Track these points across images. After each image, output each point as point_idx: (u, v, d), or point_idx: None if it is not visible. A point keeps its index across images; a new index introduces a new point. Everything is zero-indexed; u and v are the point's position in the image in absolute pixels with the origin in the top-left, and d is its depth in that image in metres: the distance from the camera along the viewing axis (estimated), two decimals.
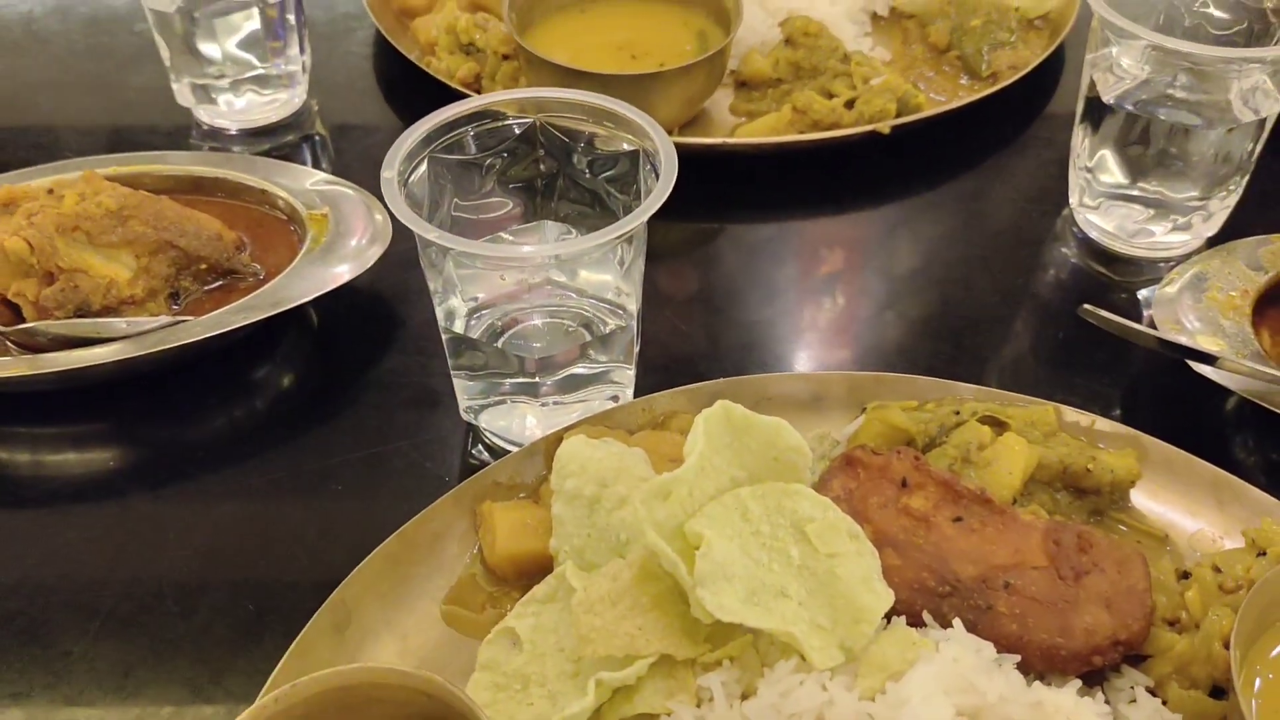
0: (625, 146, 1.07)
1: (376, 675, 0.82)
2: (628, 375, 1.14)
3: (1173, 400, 1.21)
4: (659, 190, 0.98)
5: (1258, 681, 0.84)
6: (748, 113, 1.58)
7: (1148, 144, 1.27)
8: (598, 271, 1.10)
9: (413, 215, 0.95)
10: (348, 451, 1.17)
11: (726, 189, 1.52)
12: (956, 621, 0.86)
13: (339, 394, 1.24)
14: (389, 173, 0.99)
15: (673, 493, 0.87)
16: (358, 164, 1.54)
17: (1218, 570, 0.94)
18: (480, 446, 1.17)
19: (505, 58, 1.57)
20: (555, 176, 1.13)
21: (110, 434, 1.21)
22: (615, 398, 1.15)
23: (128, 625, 1.02)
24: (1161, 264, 1.35)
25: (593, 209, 1.14)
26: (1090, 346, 1.26)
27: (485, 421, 1.15)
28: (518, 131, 1.10)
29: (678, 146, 1.48)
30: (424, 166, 1.06)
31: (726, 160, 1.51)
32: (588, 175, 1.12)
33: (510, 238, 1.15)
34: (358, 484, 1.14)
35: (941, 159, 1.55)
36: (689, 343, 1.32)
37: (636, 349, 1.13)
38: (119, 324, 1.18)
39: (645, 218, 0.98)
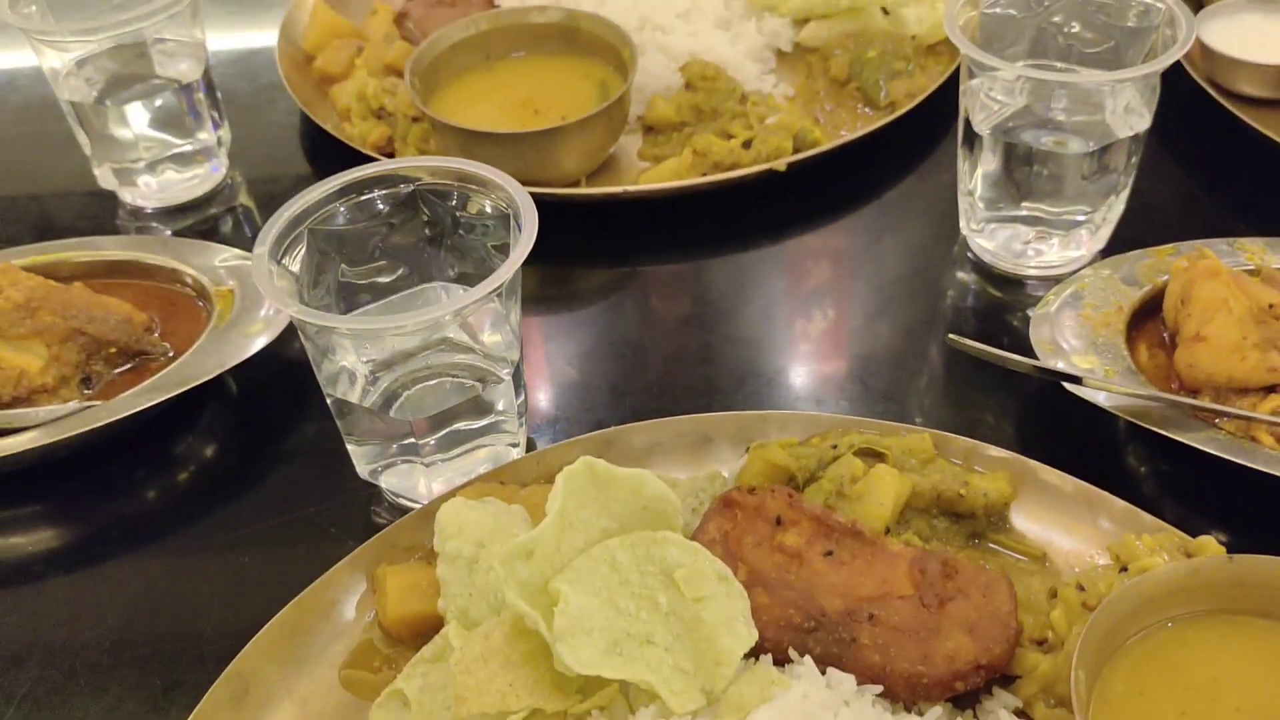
0: (497, 207, 1.10)
1: None
2: (516, 427, 1.17)
3: (1058, 422, 1.23)
4: (522, 244, 1.02)
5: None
6: (654, 157, 1.62)
7: (1024, 167, 1.30)
8: (491, 327, 1.13)
9: (276, 290, 0.99)
10: (257, 521, 1.21)
11: (637, 232, 1.55)
12: (807, 658, 0.88)
13: (253, 463, 1.28)
14: (260, 249, 1.03)
15: (535, 551, 0.90)
16: None
17: (1082, 589, 0.96)
18: (384, 507, 1.20)
19: (415, 120, 1.61)
20: (439, 240, 1.17)
21: (28, 520, 1.24)
22: (515, 444, 1.18)
23: (41, 708, 1.06)
24: (1053, 283, 1.37)
25: (478, 270, 1.17)
26: (976, 372, 1.28)
27: (385, 482, 1.18)
28: (400, 198, 1.14)
29: (583, 197, 1.55)
30: (305, 240, 1.10)
31: (633, 206, 1.55)
32: (469, 237, 1.15)
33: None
34: (263, 555, 1.17)
35: (842, 192, 1.58)
36: (595, 392, 1.35)
37: (521, 399, 1.16)
38: (32, 414, 1.22)
39: (510, 273, 1.01)
